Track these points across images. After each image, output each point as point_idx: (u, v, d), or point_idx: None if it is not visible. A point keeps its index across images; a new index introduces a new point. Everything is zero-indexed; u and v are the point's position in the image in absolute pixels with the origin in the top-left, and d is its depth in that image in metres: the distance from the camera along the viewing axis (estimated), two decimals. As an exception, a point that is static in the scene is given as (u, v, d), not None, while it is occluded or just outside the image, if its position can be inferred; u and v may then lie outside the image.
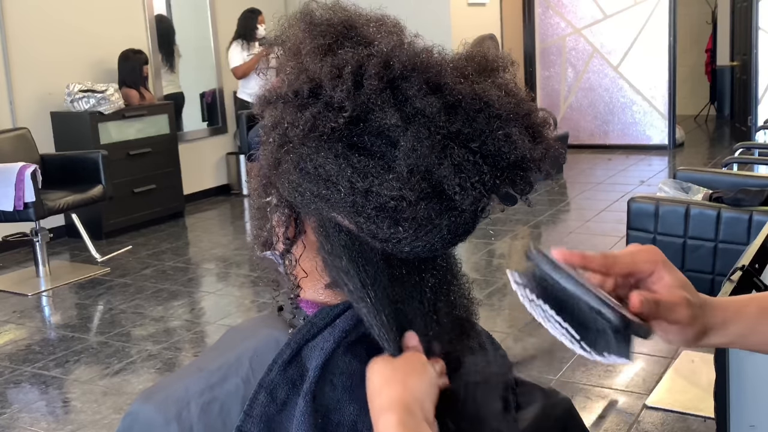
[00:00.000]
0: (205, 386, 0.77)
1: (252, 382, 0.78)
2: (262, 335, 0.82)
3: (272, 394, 0.75)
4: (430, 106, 0.70)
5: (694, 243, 2.65)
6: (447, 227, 0.74)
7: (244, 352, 0.80)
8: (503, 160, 0.72)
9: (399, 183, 0.70)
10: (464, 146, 0.71)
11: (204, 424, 0.76)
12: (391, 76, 0.71)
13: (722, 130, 9.88)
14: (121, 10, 6.00)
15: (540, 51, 8.80)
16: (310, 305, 0.82)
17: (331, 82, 0.71)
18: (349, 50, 0.73)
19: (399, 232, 0.72)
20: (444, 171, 0.70)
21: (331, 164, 0.71)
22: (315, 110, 0.72)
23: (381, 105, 0.70)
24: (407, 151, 0.70)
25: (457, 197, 0.71)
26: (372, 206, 0.71)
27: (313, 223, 0.78)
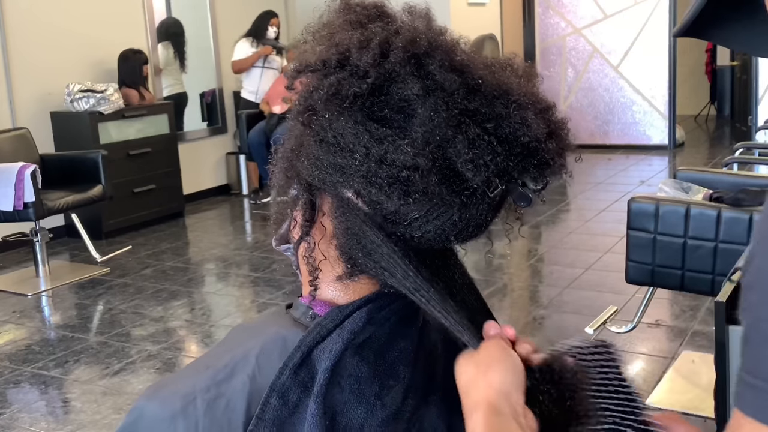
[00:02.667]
0: (211, 383, 0.77)
1: (258, 379, 0.78)
2: (270, 333, 0.82)
3: (284, 397, 0.75)
4: (450, 81, 0.72)
5: (694, 243, 2.65)
6: (459, 211, 0.74)
7: (251, 350, 0.80)
8: (517, 144, 0.73)
9: (413, 149, 0.71)
10: (479, 125, 0.72)
11: (210, 419, 0.76)
12: (415, 51, 0.73)
13: (722, 130, 9.88)
14: (121, 10, 6.00)
15: (540, 51, 8.80)
16: (319, 304, 0.82)
17: (359, 50, 0.74)
18: (379, 26, 0.76)
19: (409, 203, 0.72)
20: (457, 145, 0.71)
21: (350, 130, 0.72)
22: (340, 76, 0.74)
23: (404, 76, 0.72)
24: (423, 119, 0.71)
25: (469, 174, 0.71)
26: (385, 174, 0.72)
27: (330, 207, 0.79)
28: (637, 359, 3.14)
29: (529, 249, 5.01)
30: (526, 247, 5.04)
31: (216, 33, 6.84)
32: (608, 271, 4.21)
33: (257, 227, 6.14)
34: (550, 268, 4.57)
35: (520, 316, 3.72)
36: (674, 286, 2.81)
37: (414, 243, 0.76)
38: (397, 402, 0.76)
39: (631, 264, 2.82)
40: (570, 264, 4.48)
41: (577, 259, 4.56)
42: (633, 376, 3.01)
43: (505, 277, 4.43)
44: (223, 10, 6.84)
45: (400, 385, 0.76)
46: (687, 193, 2.93)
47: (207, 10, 6.77)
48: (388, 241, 0.75)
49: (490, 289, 4.05)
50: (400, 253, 0.75)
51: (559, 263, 4.60)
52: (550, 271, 4.52)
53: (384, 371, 0.77)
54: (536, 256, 4.85)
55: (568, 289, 4.01)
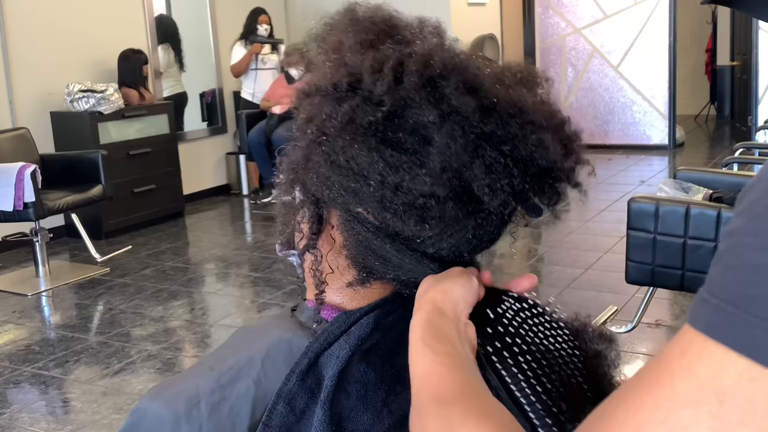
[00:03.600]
0: (215, 386, 0.77)
1: (263, 383, 0.77)
2: (274, 336, 0.81)
3: (291, 404, 0.75)
4: (465, 105, 0.71)
5: (694, 243, 2.65)
6: (473, 230, 0.74)
7: (256, 353, 0.79)
8: (534, 166, 0.72)
9: (431, 179, 0.70)
10: (496, 148, 0.71)
11: (213, 423, 0.75)
12: (430, 75, 0.71)
13: (722, 130, 9.88)
14: (121, 10, 6.00)
15: (540, 51, 8.80)
16: (326, 308, 0.82)
17: (372, 76, 0.72)
18: (391, 47, 0.74)
19: (425, 229, 0.72)
20: (475, 171, 0.70)
21: (364, 157, 0.71)
22: (353, 103, 0.72)
23: (419, 102, 0.71)
24: (441, 147, 0.70)
25: (486, 198, 0.71)
26: (401, 202, 0.71)
27: (338, 219, 0.78)
28: (637, 359, 3.14)
29: (529, 249, 5.01)
30: (526, 247, 5.04)
31: (216, 33, 6.84)
32: (608, 271, 4.21)
33: (257, 227, 6.14)
34: (550, 268, 4.57)
35: (520, 316, 3.73)
36: (674, 286, 2.81)
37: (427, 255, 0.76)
38: (404, 408, 0.75)
39: (631, 264, 2.82)
40: (570, 264, 4.48)
41: (577, 259, 4.56)
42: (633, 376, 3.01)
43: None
44: (223, 10, 6.84)
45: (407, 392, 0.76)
46: (687, 193, 2.93)
47: (207, 10, 6.77)
48: (402, 251, 0.75)
49: (490, 289, 4.05)
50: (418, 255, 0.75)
51: (559, 263, 4.60)
52: (550, 271, 4.52)
53: (391, 377, 0.76)
54: (536, 256, 4.85)
55: (568, 289, 4.01)
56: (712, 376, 0.40)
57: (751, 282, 0.40)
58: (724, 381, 0.40)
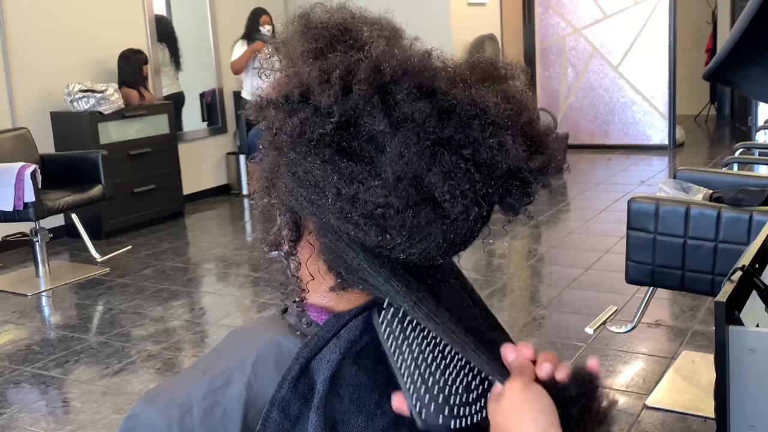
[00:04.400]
0: (207, 390, 0.77)
1: (254, 387, 0.77)
2: (265, 339, 0.81)
3: (285, 411, 0.74)
4: (419, 111, 0.69)
5: (694, 243, 2.65)
6: (442, 235, 0.73)
7: (247, 357, 0.79)
8: (497, 169, 0.70)
9: (385, 190, 0.69)
10: (455, 153, 0.69)
11: (206, 428, 0.75)
12: (380, 81, 0.69)
13: (722, 130, 9.88)
14: (121, 10, 6.00)
15: (540, 51, 8.80)
16: (314, 309, 0.82)
17: (320, 86, 0.70)
18: (339, 54, 0.72)
19: (387, 240, 0.71)
20: (433, 177, 0.69)
21: (318, 170, 0.70)
22: (303, 116, 0.71)
23: (369, 111, 0.69)
24: (394, 157, 0.68)
25: (447, 205, 0.69)
26: (359, 213, 0.70)
27: (314, 225, 0.78)
28: (637, 359, 3.14)
29: (529, 249, 5.01)
30: (526, 247, 5.04)
31: (216, 33, 6.84)
32: (608, 271, 4.21)
33: (257, 227, 6.13)
34: (550, 268, 4.57)
35: (520, 316, 3.72)
36: (674, 286, 2.81)
37: (402, 261, 0.75)
38: None
39: (631, 264, 2.82)
40: (570, 264, 4.48)
41: (577, 259, 4.56)
42: (633, 376, 3.01)
43: (505, 277, 4.43)
44: (223, 10, 6.84)
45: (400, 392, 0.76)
46: (687, 193, 2.93)
47: (207, 10, 6.77)
48: (373, 262, 0.74)
49: (490, 289, 4.05)
50: (386, 273, 0.74)
51: (559, 263, 4.60)
52: (550, 271, 4.52)
53: (382, 379, 0.76)
54: (536, 256, 4.85)
55: (568, 289, 4.01)
56: None
57: None
58: None
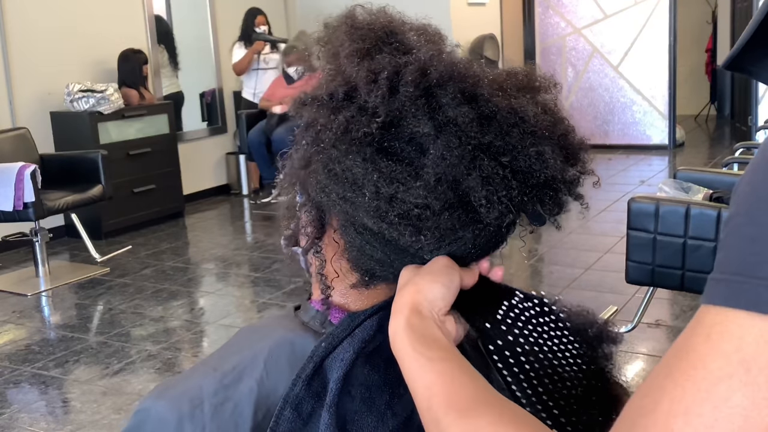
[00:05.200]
0: (219, 386, 0.77)
1: (265, 383, 0.77)
2: (277, 336, 0.81)
3: (298, 409, 0.75)
4: (462, 115, 0.70)
5: (694, 243, 2.65)
6: (471, 240, 0.73)
7: (259, 353, 0.79)
8: (533, 178, 0.71)
9: (425, 191, 0.69)
10: (494, 159, 0.70)
11: (217, 424, 0.75)
12: (426, 84, 0.71)
13: (722, 130, 9.88)
14: (121, 10, 6.00)
15: (540, 51, 8.80)
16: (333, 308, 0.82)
17: (367, 86, 0.71)
18: (387, 56, 0.73)
19: (421, 240, 0.71)
20: (471, 182, 0.69)
21: (359, 168, 0.71)
22: (348, 114, 0.72)
23: (414, 112, 0.70)
24: (436, 159, 0.69)
25: (483, 210, 0.70)
26: (395, 213, 0.70)
27: (339, 224, 0.78)
28: (637, 359, 3.14)
29: (529, 249, 5.01)
30: (527, 247, 5.04)
31: (216, 33, 6.84)
32: (608, 271, 4.21)
33: (257, 227, 6.14)
34: (550, 268, 4.57)
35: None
36: (674, 286, 2.81)
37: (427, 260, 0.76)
38: (407, 410, 0.75)
39: (631, 264, 2.82)
40: (570, 264, 4.48)
41: (577, 259, 4.56)
42: (633, 376, 3.01)
43: (505, 277, 4.42)
44: (223, 10, 6.84)
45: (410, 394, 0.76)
46: (687, 193, 2.93)
47: (207, 10, 6.77)
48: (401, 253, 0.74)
49: (490, 289, 4.05)
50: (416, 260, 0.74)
51: (559, 263, 4.60)
52: (550, 271, 4.52)
53: (394, 379, 0.76)
54: (536, 256, 4.85)
55: (568, 289, 4.01)
56: (735, 348, 0.44)
57: (750, 252, 0.46)
58: (746, 350, 0.44)
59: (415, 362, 0.65)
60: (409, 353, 0.66)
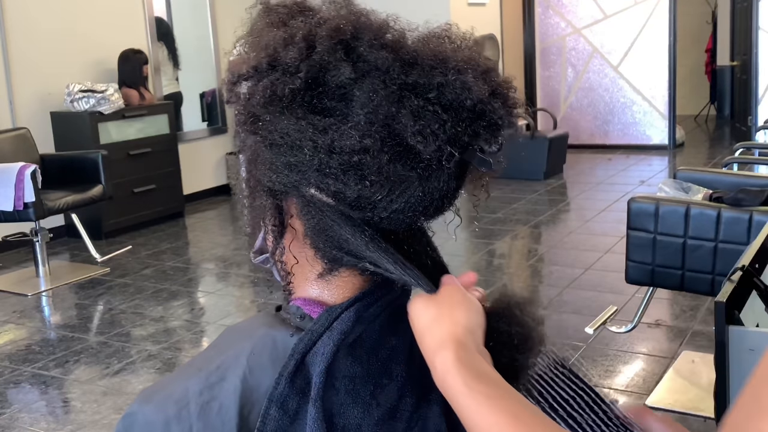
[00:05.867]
0: (204, 386, 0.78)
1: (249, 380, 0.78)
2: (260, 334, 0.82)
3: (283, 407, 0.75)
4: (383, 59, 0.72)
5: (694, 243, 2.65)
6: (420, 184, 0.74)
7: (242, 351, 0.80)
8: (462, 109, 0.73)
9: (357, 132, 0.71)
10: (421, 97, 0.72)
11: (203, 423, 0.76)
12: (342, 37, 0.73)
13: (722, 130, 9.89)
14: (121, 10, 6.00)
15: (540, 51, 8.80)
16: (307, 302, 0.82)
17: (285, 48, 0.74)
18: (302, 20, 0.76)
19: (367, 187, 0.73)
20: (402, 119, 0.71)
21: (293, 127, 0.73)
22: (273, 77, 0.74)
23: (334, 63, 0.72)
24: (363, 101, 0.72)
25: (420, 146, 0.71)
26: (336, 163, 0.72)
27: (297, 208, 0.79)
28: (637, 359, 3.14)
29: (529, 249, 5.01)
30: (526, 247, 5.04)
31: (216, 33, 6.84)
32: (608, 271, 4.21)
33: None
34: (550, 268, 4.57)
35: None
36: (674, 286, 2.82)
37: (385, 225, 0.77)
38: (391, 400, 0.76)
39: (631, 264, 2.82)
40: (570, 264, 4.48)
41: (577, 259, 4.56)
42: (633, 376, 3.01)
43: (505, 277, 4.43)
44: (223, 10, 6.84)
45: (394, 383, 0.77)
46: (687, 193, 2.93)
47: (207, 10, 6.77)
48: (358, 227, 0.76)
49: (490, 289, 4.05)
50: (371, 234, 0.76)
51: (559, 263, 4.60)
52: (550, 271, 4.52)
53: (377, 370, 0.77)
54: (536, 256, 4.85)
55: (568, 289, 4.01)
56: None
57: None
58: None
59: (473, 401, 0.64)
60: (465, 392, 0.64)
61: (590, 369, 3.04)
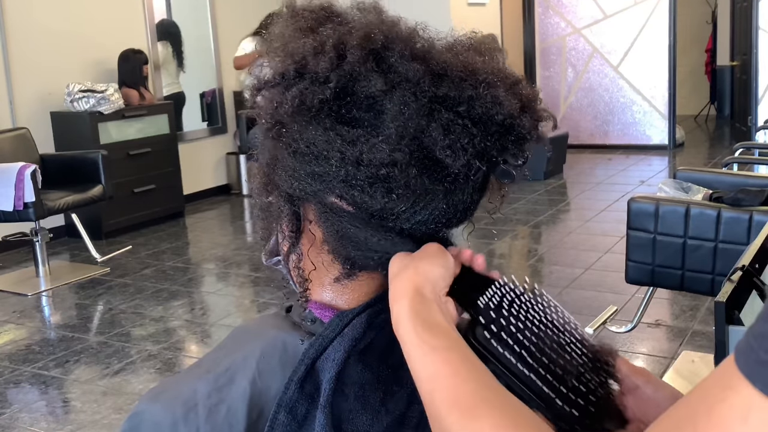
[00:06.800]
0: (212, 388, 0.77)
1: (258, 383, 0.77)
2: (269, 336, 0.81)
3: (292, 412, 0.75)
4: (414, 71, 0.71)
5: (694, 243, 2.65)
6: (444, 198, 0.74)
7: (251, 354, 0.79)
8: (492, 123, 0.72)
9: (388, 146, 0.70)
10: (451, 110, 0.72)
11: (211, 426, 0.75)
12: (372, 47, 0.72)
13: (722, 130, 9.89)
14: (121, 10, 6.01)
15: (540, 51, 8.80)
16: (318, 306, 0.82)
17: (314, 57, 0.73)
18: (330, 28, 0.75)
19: (393, 200, 0.72)
20: (432, 133, 0.71)
21: (321, 137, 0.72)
22: (302, 86, 0.73)
23: (365, 73, 0.71)
24: (394, 114, 0.71)
25: (449, 160, 0.71)
26: (364, 176, 0.71)
27: (314, 213, 0.78)
28: (637, 359, 3.14)
29: (529, 249, 5.01)
30: (526, 247, 5.04)
31: (216, 33, 6.84)
32: (608, 271, 4.21)
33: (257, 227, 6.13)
34: (550, 268, 4.57)
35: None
36: (674, 286, 2.81)
37: (405, 234, 0.76)
38: (400, 407, 0.75)
39: (631, 264, 2.82)
40: (570, 264, 4.48)
41: (577, 259, 4.56)
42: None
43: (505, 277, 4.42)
44: (223, 10, 6.84)
45: (404, 390, 0.76)
46: (687, 193, 2.93)
47: (207, 10, 6.77)
48: (381, 230, 0.75)
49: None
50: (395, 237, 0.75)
51: (559, 263, 4.60)
52: (550, 271, 4.52)
53: (387, 377, 0.76)
54: (536, 256, 4.85)
55: (568, 289, 4.01)
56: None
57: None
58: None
59: (418, 350, 0.65)
60: (413, 340, 0.65)
61: (590, 369, 3.04)
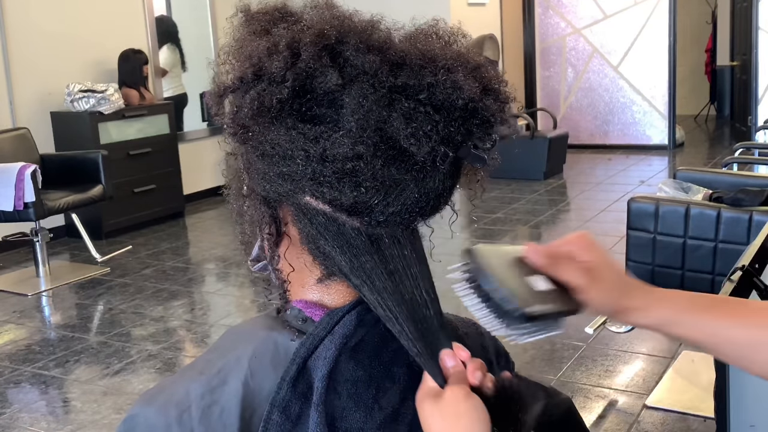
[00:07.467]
0: (205, 389, 0.77)
1: (250, 384, 0.78)
2: (261, 336, 0.81)
3: (286, 411, 0.75)
4: (370, 63, 0.71)
5: (694, 243, 2.66)
6: (415, 187, 0.74)
7: (243, 354, 0.79)
8: (454, 108, 0.72)
9: (350, 140, 0.70)
10: (412, 98, 0.71)
11: (204, 427, 0.76)
12: (326, 42, 0.72)
13: (722, 130, 9.89)
14: (122, 10, 6.01)
15: (540, 51, 8.80)
16: (308, 305, 0.82)
17: (269, 58, 0.73)
18: (284, 27, 0.75)
19: (362, 193, 0.72)
20: (394, 123, 0.70)
21: (284, 137, 0.72)
22: (259, 88, 0.73)
23: (321, 69, 0.71)
24: (353, 107, 0.71)
25: (413, 148, 0.71)
26: (330, 171, 0.71)
27: (292, 215, 0.79)
28: (637, 359, 3.15)
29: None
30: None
31: (216, 33, 6.84)
32: (608, 271, 4.20)
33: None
34: (550, 268, 4.56)
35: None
36: (674, 286, 2.81)
37: (382, 228, 0.76)
38: (393, 403, 0.76)
39: (631, 264, 2.82)
40: (570, 264, 4.48)
41: (577, 259, 4.55)
42: (633, 376, 3.01)
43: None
44: (223, 10, 6.84)
45: (397, 386, 0.76)
46: (687, 193, 2.93)
47: (207, 10, 6.78)
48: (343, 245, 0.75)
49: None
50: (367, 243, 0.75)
51: (559, 263, 4.59)
52: (550, 271, 4.51)
53: (379, 373, 0.76)
54: (536, 256, 4.84)
55: (568, 289, 4.01)
56: None
57: None
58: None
59: None
60: None
61: (590, 369, 3.04)
